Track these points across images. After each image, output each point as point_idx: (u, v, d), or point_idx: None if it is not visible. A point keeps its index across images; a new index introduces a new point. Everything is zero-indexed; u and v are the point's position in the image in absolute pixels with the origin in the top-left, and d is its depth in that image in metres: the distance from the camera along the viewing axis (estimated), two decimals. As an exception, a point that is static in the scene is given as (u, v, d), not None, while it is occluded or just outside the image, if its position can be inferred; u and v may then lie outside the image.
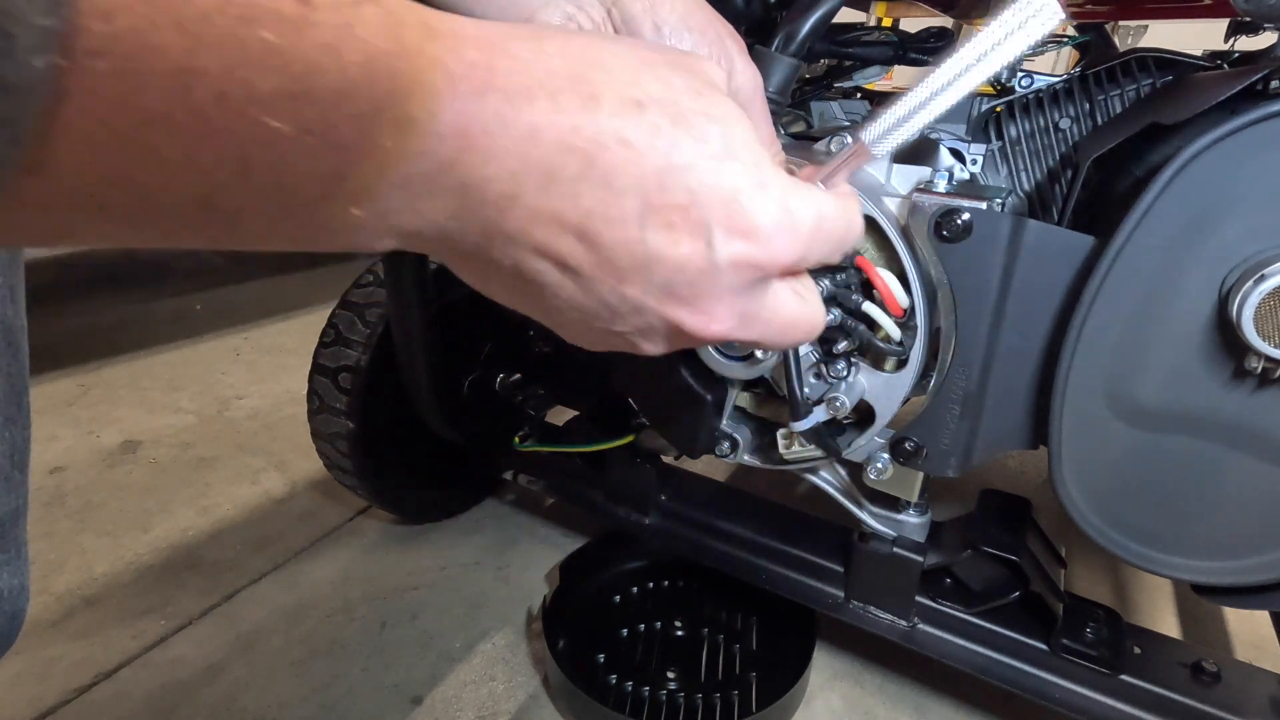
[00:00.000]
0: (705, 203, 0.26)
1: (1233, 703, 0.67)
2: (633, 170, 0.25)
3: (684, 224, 0.26)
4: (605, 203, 0.25)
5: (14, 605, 0.40)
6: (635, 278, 0.26)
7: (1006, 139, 0.72)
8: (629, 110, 0.25)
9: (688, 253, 0.26)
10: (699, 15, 0.41)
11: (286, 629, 0.95)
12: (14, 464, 0.39)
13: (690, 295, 0.27)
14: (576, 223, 0.25)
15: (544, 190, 0.24)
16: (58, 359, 1.64)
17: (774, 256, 0.27)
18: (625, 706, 0.80)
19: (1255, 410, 0.53)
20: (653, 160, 0.25)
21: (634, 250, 0.26)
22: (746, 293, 0.28)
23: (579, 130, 0.24)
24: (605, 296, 0.27)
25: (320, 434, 1.00)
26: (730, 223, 0.26)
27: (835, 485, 0.78)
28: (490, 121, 0.22)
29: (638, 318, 0.28)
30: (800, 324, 0.31)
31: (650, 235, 0.26)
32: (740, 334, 0.30)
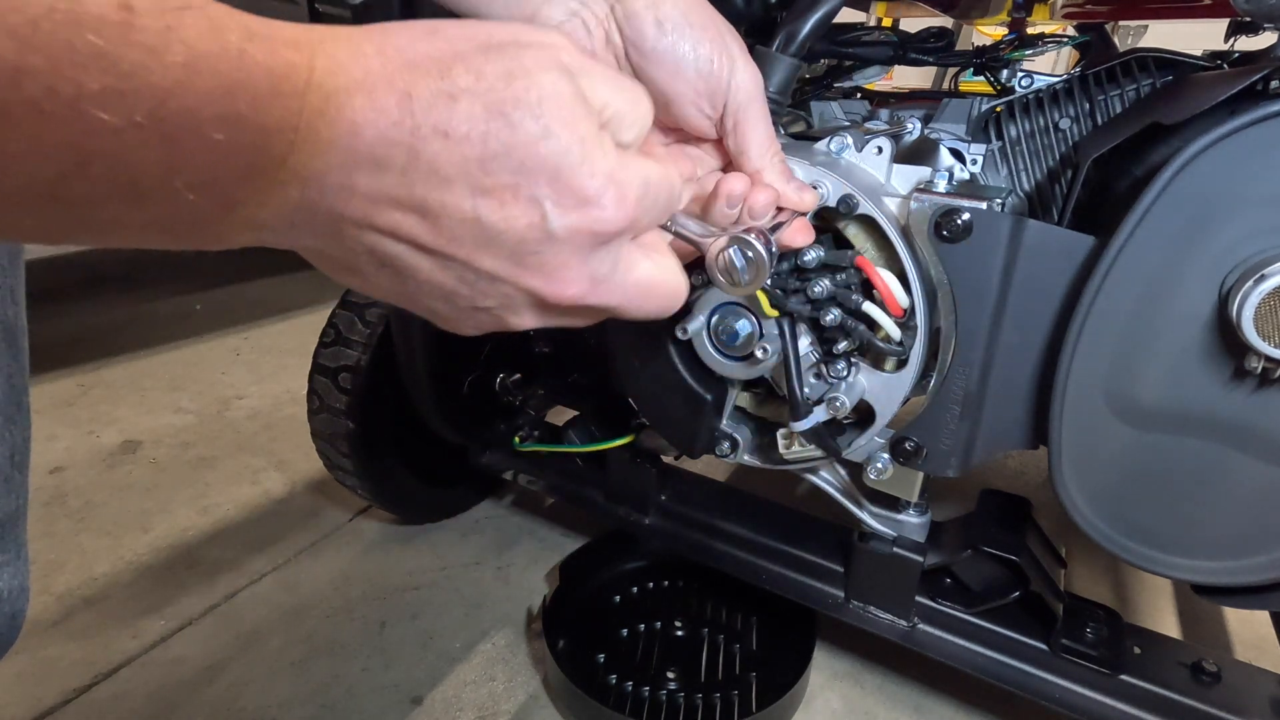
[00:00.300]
0: (530, 181, 0.28)
1: (1233, 703, 0.67)
2: (455, 159, 0.27)
3: (514, 201, 0.28)
4: (437, 188, 0.27)
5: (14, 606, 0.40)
6: (483, 250, 0.29)
7: (1006, 139, 0.72)
8: (442, 103, 0.26)
9: (524, 225, 0.28)
10: (701, 13, 0.41)
11: (286, 629, 0.95)
12: (14, 464, 0.39)
13: (538, 263, 0.30)
14: (414, 204, 0.27)
15: (376, 178, 0.26)
16: (58, 359, 1.64)
17: (607, 221, 0.29)
18: (625, 706, 0.80)
19: (1255, 410, 0.53)
20: (471, 149, 0.27)
21: (473, 228, 0.28)
22: (592, 257, 0.31)
23: (398, 125, 0.26)
24: (461, 271, 0.29)
25: (320, 434, 1.00)
26: (559, 195, 0.28)
27: (835, 485, 0.78)
28: (312, 118, 0.24)
29: (496, 289, 0.30)
30: (656, 289, 0.34)
31: (485, 213, 0.28)
32: (596, 298, 0.32)
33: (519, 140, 0.27)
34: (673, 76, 0.41)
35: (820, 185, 0.56)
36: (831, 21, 0.56)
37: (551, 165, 0.28)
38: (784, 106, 0.56)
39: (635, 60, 0.42)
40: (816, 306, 0.58)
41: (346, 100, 0.25)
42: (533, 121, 0.27)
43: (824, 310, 0.58)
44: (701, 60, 0.41)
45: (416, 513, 1.15)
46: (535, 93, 0.28)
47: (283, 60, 0.24)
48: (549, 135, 0.28)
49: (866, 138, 0.61)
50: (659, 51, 0.41)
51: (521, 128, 0.27)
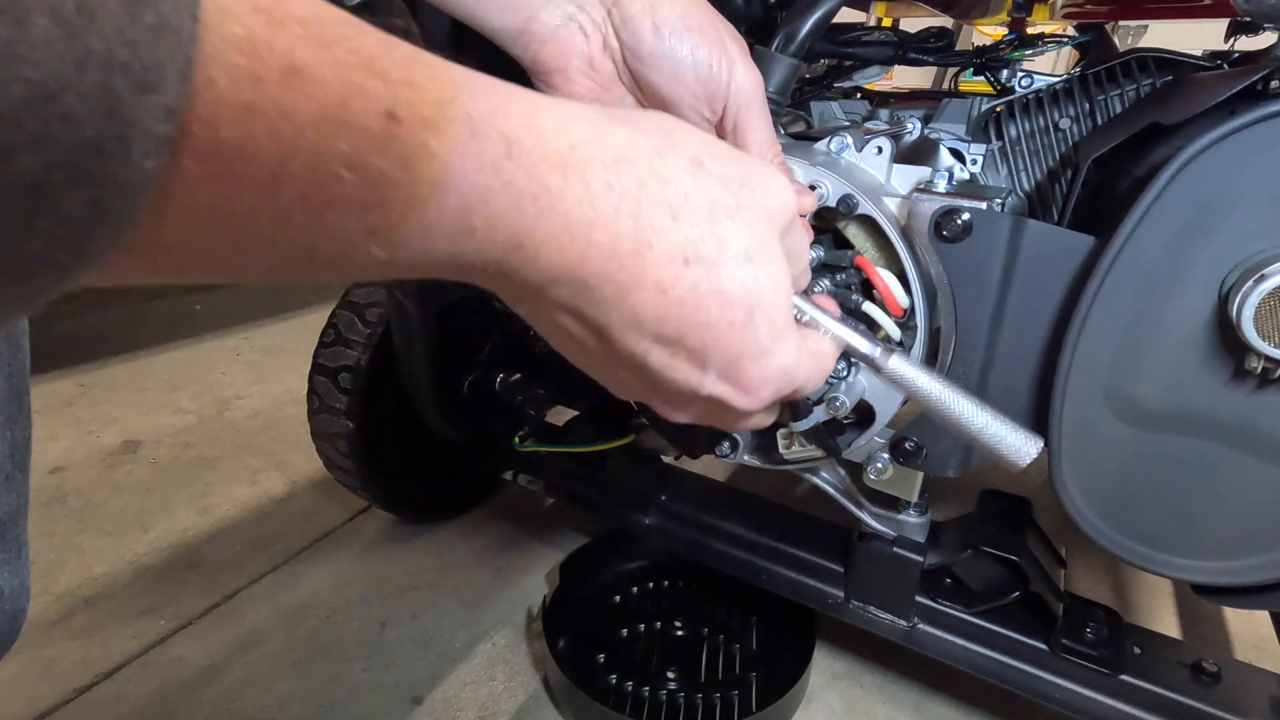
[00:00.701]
0: (711, 354, 0.28)
1: (1233, 703, 0.67)
2: (659, 312, 0.27)
3: (686, 359, 0.29)
4: (625, 324, 0.27)
5: (14, 605, 0.40)
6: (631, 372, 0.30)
7: (1006, 139, 0.72)
8: (675, 263, 0.26)
9: (681, 378, 0.29)
10: (699, 15, 0.41)
11: (286, 629, 0.95)
12: (14, 463, 0.39)
13: (669, 399, 0.31)
14: (597, 326, 0.27)
15: (575, 295, 0.26)
16: (58, 359, 1.64)
17: (749, 406, 0.31)
18: (625, 706, 0.80)
19: (1255, 410, 0.53)
20: (680, 312, 0.27)
21: (636, 359, 0.28)
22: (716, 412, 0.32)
23: (624, 269, 0.26)
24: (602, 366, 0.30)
25: (320, 434, 1.00)
26: (726, 373, 0.29)
27: (835, 485, 0.78)
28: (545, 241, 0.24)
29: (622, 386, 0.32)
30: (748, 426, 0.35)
31: (654, 357, 0.28)
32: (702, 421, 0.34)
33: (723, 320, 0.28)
34: (671, 80, 0.41)
35: (820, 185, 0.56)
36: (831, 21, 0.56)
37: (737, 351, 0.29)
38: (784, 106, 0.56)
39: (633, 65, 0.42)
40: (816, 306, 0.58)
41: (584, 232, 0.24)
42: (744, 312, 0.28)
43: (824, 310, 0.58)
44: (700, 64, 0.41)
45: (416, 513, 1.15)
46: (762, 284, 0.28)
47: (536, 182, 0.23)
48: (750, 329, 0.28)
49: (866, 138, 0.61)
50: (657, 56, 0.41)
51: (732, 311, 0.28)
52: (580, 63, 0.42)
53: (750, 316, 0.28)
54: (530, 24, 0.42)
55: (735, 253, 0.27)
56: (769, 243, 0.29)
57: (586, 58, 0.42)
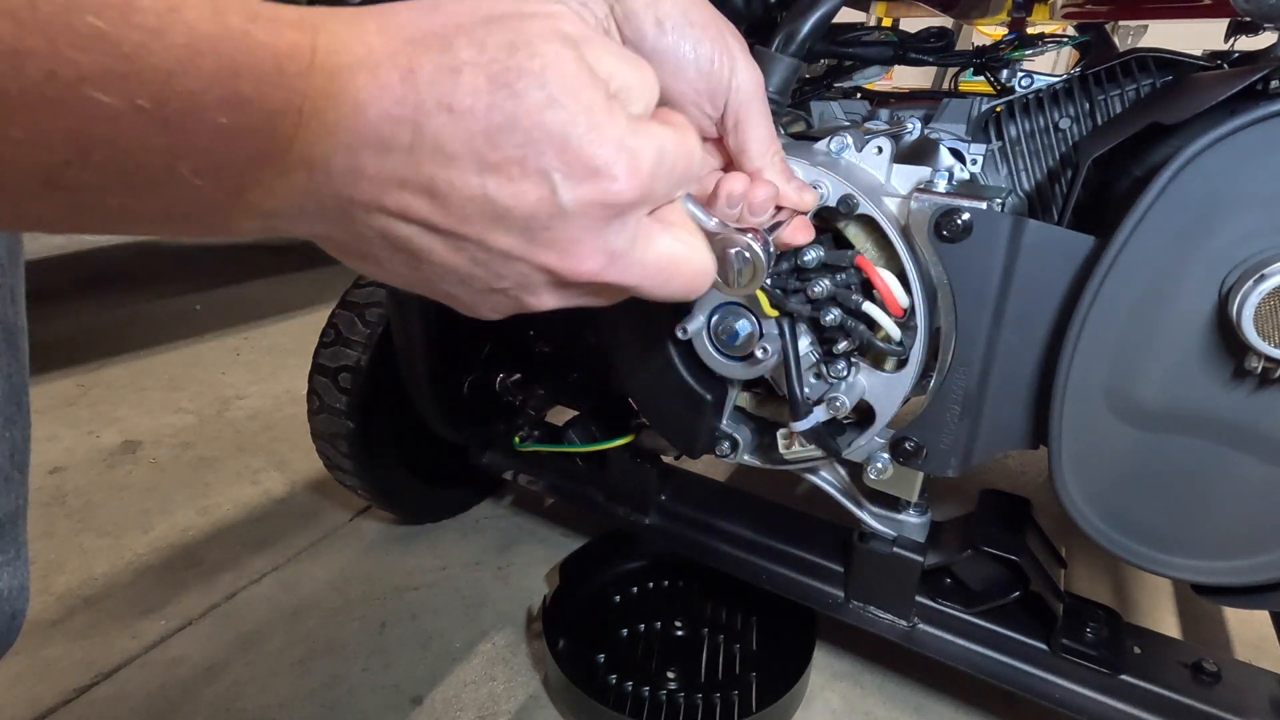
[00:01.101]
0: (539, 152, 0.27)
1: (1233, 703, 0.67)
2: (460, 133, 0.26)
3: (522, 175, 0.27)
4: (444, 165, 0.26)
5: (14, 605, 0.40)
6: (495, 228, 0.28)
7: (1006, 139, 0.72)
8: (444, 77, 0.26)
9: (534, 199, 0.27)
10: (701, 11, 0.41)
11: (286, 629, 0.95)
12: (14, 464, 0.39)
13: (550, 239, 0.29)
14: (422, 184, 0.26)
15: (382, 159, 0.26)
16: (58, 359, 1.64)
17: (619, 192, 0.28)
18: (625, 706, 0.80)
19: (1255, 410, 0.53)
20: (477, 121, 0.26)
21: (482, 205, 0.27)
22: (607, 230, 0.30)
23: (402, 101, 0.25)
24: (474, 252, 0.29)
25: (320, 434, 1.00)
26: (568, 167, 0.27)
27: (835, 485, 0.78)
28: (317, 99, 0.24)
29: (512, 269, 0.30)
30: (680, 266, 0.33)
31: (493, 189, 0.27)
32: (614, 274, 0.31)
33: (523, 110, 0.27)
34: (673, 76, 0.41)
35: (820, 185, 0.56)
36: (831, 21, 0.56)
37: (559, 135, 0.27)
38: (784, 106, 0.56)
39: None
40: (816, 306, 0.58)
41: (350, 79, 0.25)
42: (537, 90, 0.27)
43: (824, 310, 0.58)
44: (702, 59, 0.41)
45: (416, 513, 1.15)
46: (538, 62, 0.27)
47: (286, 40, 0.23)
48: (554, 104, 0.27)
49: (866, 138, 0.61)
50: (659, 51, 0.41)
51: (526, 97, 0.27)
52: None
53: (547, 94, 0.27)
54: None
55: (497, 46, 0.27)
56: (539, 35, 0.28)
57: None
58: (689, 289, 0.34)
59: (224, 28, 0.22)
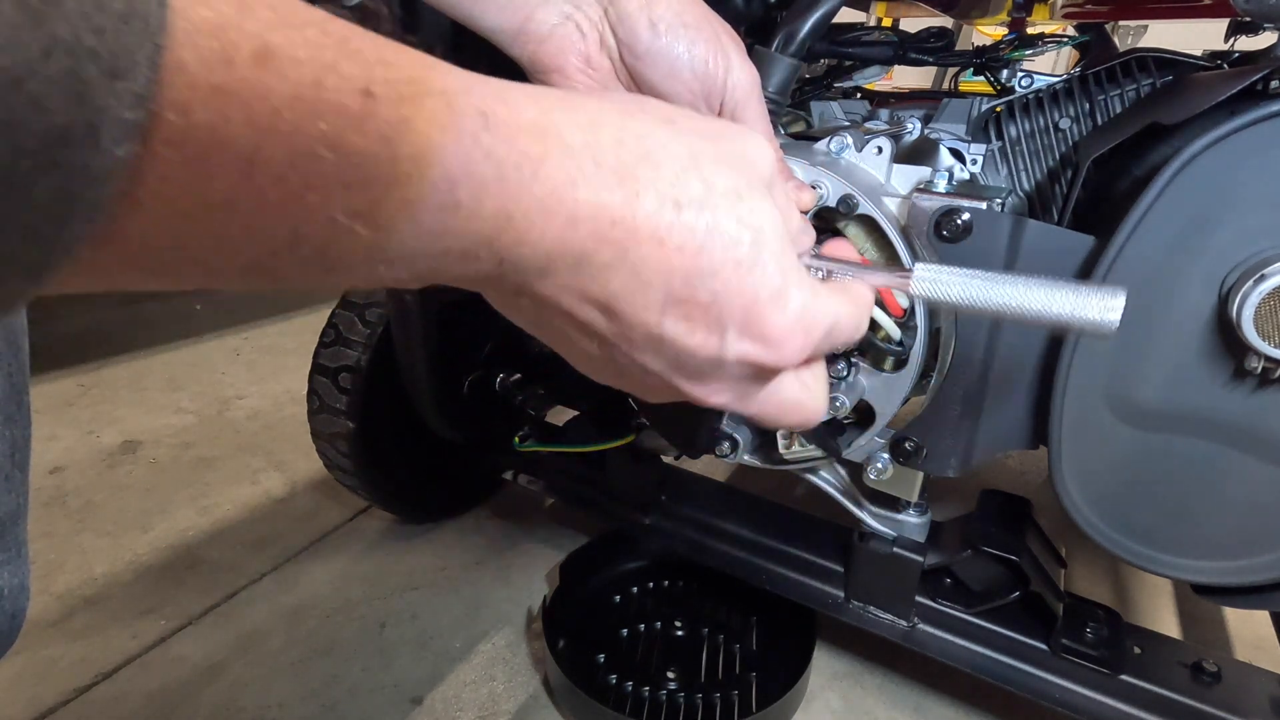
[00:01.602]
0: (725, 306, 0.27)
1: (1233, 703, 0.67)
2: (662, 266, 0.26)
3: (702, 320, 0.27)
4: (631, 289, 0.26)
5: (14, 605, 0.40)
6: (649, 351, 0.28)
7: (1006, 139, 0.72)
8: (666, 209, 0.26)
9: (700, 343, 0.28)
10: (694, 12, 0.41)
11: (286, 629, 0.95)
12: (14, 463, 0.39)
13: (696, 374, 0.29)
14: (603, 300, 0.27)
15: (575, 270, 0.26)
16: (58, 359, 1.64)
17: (781, 360, 0.29)
18: (625, 706, 0.80)
19: (1255, 410, 0.53)
20: (682, 260, 0.26)
21: (651, 332, 0.27)
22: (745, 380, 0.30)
23: (616, 224, 0.25)
24: (619, 358, 0.29)
25: (320, 434, 1.00)
26: (746, 326, 0.28)
27: (835, 485, 0.78)
28: (533, 209, 0.23)
29: (645, 378, 0.30)
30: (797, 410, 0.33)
31: (669, 323, 0.27)
32: (736, 408, 0.31)
33: (729, 262, 0.26)
34: (668, 77, 0.41)
35: (820, 185, 0.56)
36: (831, 21, 0.56)
37: (750, 294, 0.27)
38: (783, 106, 0.56)
39: (630, 62, 0.42)
40: (816, 306, 0.58)
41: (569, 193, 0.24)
42: (749, 247, 0.27)
43: (824, 310, 0.58)
44: (697, 60, 0.41)
45: (416, 513, 1.15)
46: (756, 217, 0.27)
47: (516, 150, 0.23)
48: (758, 266, 0.27)
49: (866, 138, 0.61)
50: (653, 53, 0.41)
51: (737, 249, 0.27)
52: (578, 61, 0.42)
53: (755, 252, 0.27)
54: (528, 23, 0.42)
55: (724, 191, 0.27)
56: (755, 184, 0.28)
57: (584, 56, 0.42)
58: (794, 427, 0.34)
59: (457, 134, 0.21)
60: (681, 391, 0.30)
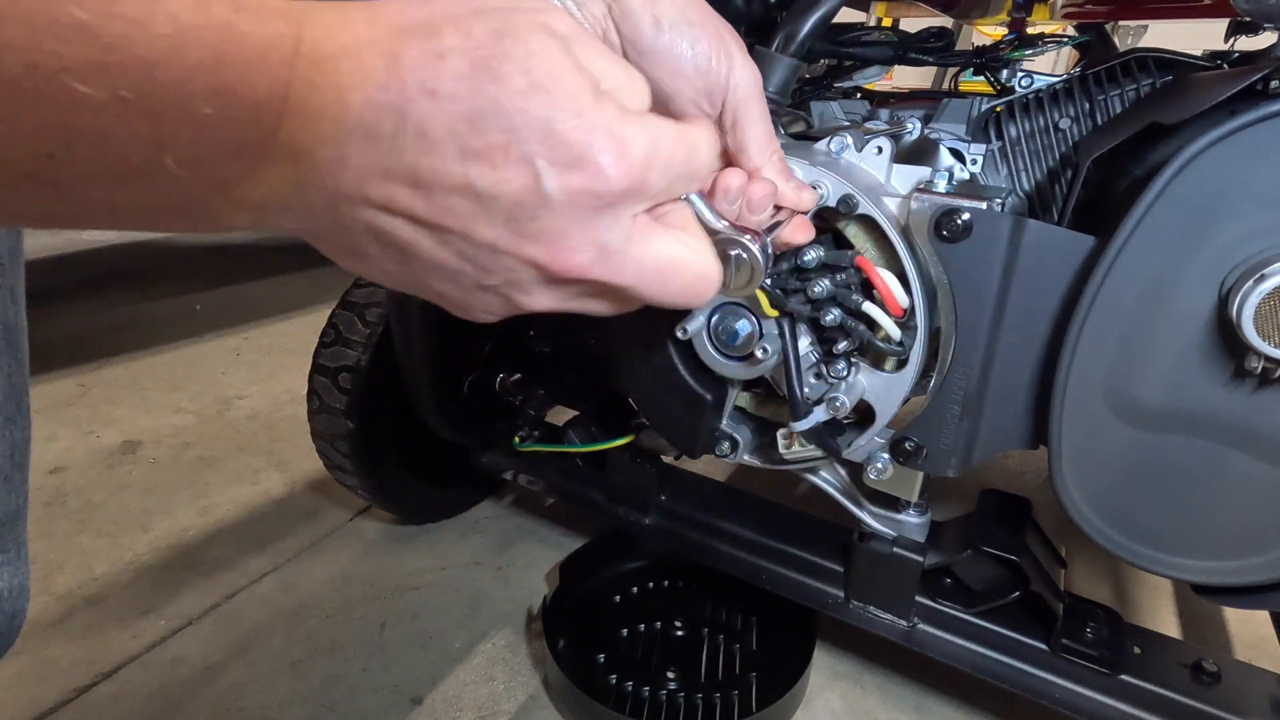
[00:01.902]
0: (522, 138, 0.26)
1: (1233, 703, 0.67)
2: (443, 118, 0.26)
3: (505, 161, 0.26)
4: (426, 152, 0.26)
5: (14, 605, 0.40)
6: (479, 219, 0.27)
7: (1006, 139, 0.72)
8: (429, 62, 0.25)
9: (518, 187, 0.27)
10: (698, 10, 0.41)
11: (286, 629, 0.95)
12: (14, 464, 0.39)
13: (537, 230, 0.28)
14: (405, 173, 0.26)
15: (367, 148, 0.25)
16: (58, 359, 1.64)
17: (606, 182, 0.28)
18: (625, 706, 0.80)
19: (1255, 410, 0.53)
20: (458, 107, 0.26)
21: (466, 194, 0.27)
22: (596, 223, 0.29)
23: (385, 87, 0.25)
24: (461, 245, 0.28)
25: (320, 434, 1.00)
26: (552, 153, 0.27)
27: (835, 485, 0.78)
28: (301, 87, 0.24)
29: (499, 263, 0.29)
30: (680, 270, 0.31)
31: (476, 176, 0.26)
32: (606, 271, 0.30)
33: (506, 95, 0.26)
34: (671, 74, 0.41)
35: (820, 185, 0.56)
36: (831, 21, 0.56)
37: (542, 120, 0.26)
38: (784, 106, 0.56)
39: (633, 59, 0.42)
40: (816, 306, 0.58)
41: (333, 66, 0.24)
42: (521, 76, 0.26)
43: (824, 310, 0.58)
44: (700, 57, 0.41)
45: (416, 513, 1.15)
46: (523, 48, 0.27)
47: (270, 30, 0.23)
48: (538, 89, 0.26)
49: (866, 138, 0.61)
50: (657, 50, 0.41)
51: (509, 82, 0.26)
52: None
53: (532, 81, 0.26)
54: None
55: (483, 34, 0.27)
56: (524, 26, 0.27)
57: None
58: (691, 294, 0.33)
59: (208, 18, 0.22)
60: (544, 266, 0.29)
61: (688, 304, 0.34)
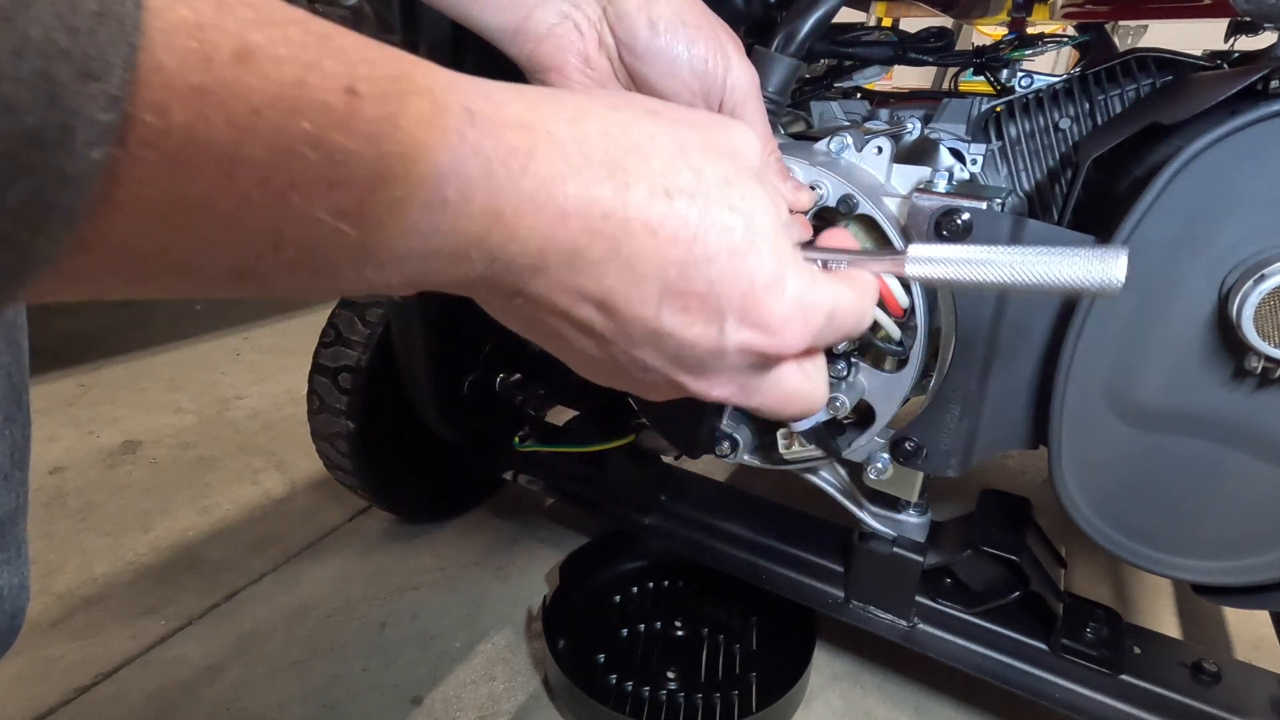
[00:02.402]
0: (722, 293, 0.27)
1: (1233, 703, 0.67)
2: (656, 257, 0.26)
3: (700, 310, 0.27)
4: (627, 283, 0.26)
5: (14, 604, 0.40)
6: (648, 346, 0.28)
7: (1006, 139, 0.72)
8: (658, 200, 0.25)
9: (699, 335, 0.27)
10: (694, 11, 0.41)
11: (286, 629, 0.95)
12: (14, 462, 0.39)
13: (697, 367, 0.29)
14: (598, 296, 0.26)
15: (569, 267, 0.25)
16: (58, 359, 1.64)
17: (781, 347, 0.29)
18: (625, 706, 0.80)
19: (1255, 410, 0.53)
20: (676, 250, 0.26)
21: (649, 326, 0.27)
22: (748, 370, 0.30)
23: (608, 217, 0.25)
24: (618, 356, 0.29)
25: (320, 434, 1.00)
26: (744, 314, 0.27)
27: (835, 485, 0.78)
28: (522, 204, 0.23)
29: (645, 375, 0.30)
30: (799, 400, 0.32)
31: (666, 316, 0.27)
32: (739, 400, 0.31)
33: (723, 249, 0.26)
34: (667, 77, 0.41)
35: (820, 185, 0.56)
36: (831, 21, 0.56)
37: (746, 280, 0.27)
38: (783, 107, 0.56)
39: (629, 61, 0.42)
40: (816, 306, 0.58)
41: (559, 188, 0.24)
42: (742, 232, 0.27)
43: (824, 310, 0.58)
44: (696, 59, 0.41)
45: (416, 513, 1.15)
46: (748, 203, 0.27)
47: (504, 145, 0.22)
48: (754, 252, 0.27)
49: (866, 138, 0.61)
50: (652, 52, 0.41)
51: (730, 236, 0.26)
52: (576, 60, 0.42)
53: (750, 238, 0.27)
54: (526, 22, 0.42)
55: (714, 179, 0.27)
56: (744, 171, 0.28)
57: (582, 55, 0.42)
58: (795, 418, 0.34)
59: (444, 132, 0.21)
60: (683, 387, 0.30)
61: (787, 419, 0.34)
